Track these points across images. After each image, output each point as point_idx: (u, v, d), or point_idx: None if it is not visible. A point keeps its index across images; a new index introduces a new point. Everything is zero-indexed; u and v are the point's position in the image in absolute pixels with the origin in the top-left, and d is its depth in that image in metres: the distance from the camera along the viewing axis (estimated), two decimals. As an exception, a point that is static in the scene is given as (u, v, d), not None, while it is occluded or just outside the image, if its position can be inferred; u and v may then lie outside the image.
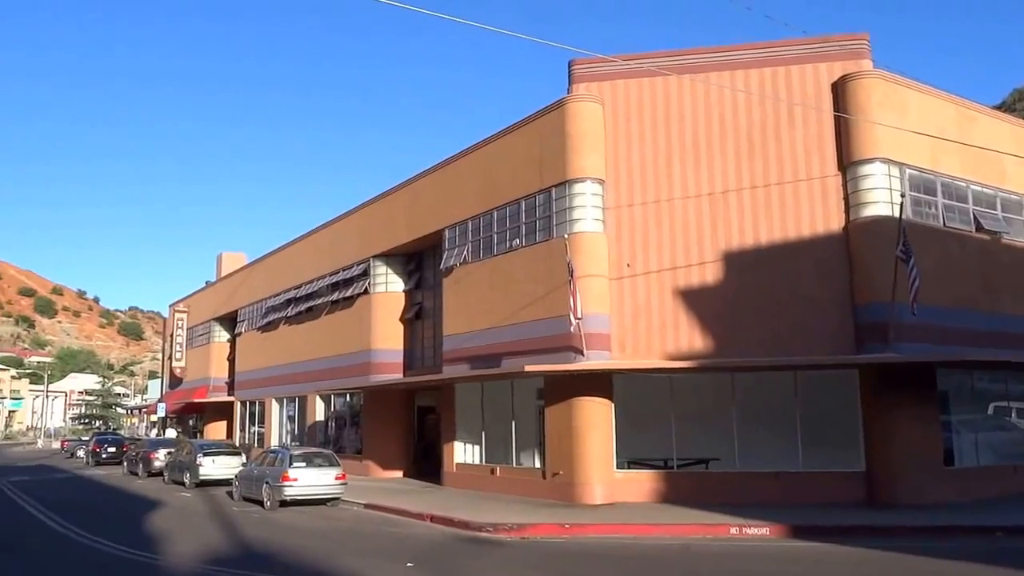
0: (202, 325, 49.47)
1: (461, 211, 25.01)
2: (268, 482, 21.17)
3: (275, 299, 38.52)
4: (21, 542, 15.93)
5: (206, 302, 49.63)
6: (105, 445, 44.11)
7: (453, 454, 25.00)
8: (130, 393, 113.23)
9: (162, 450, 32.68)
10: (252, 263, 44.02)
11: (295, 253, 37.62)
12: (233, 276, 45.67)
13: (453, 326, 25.15)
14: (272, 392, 38.43)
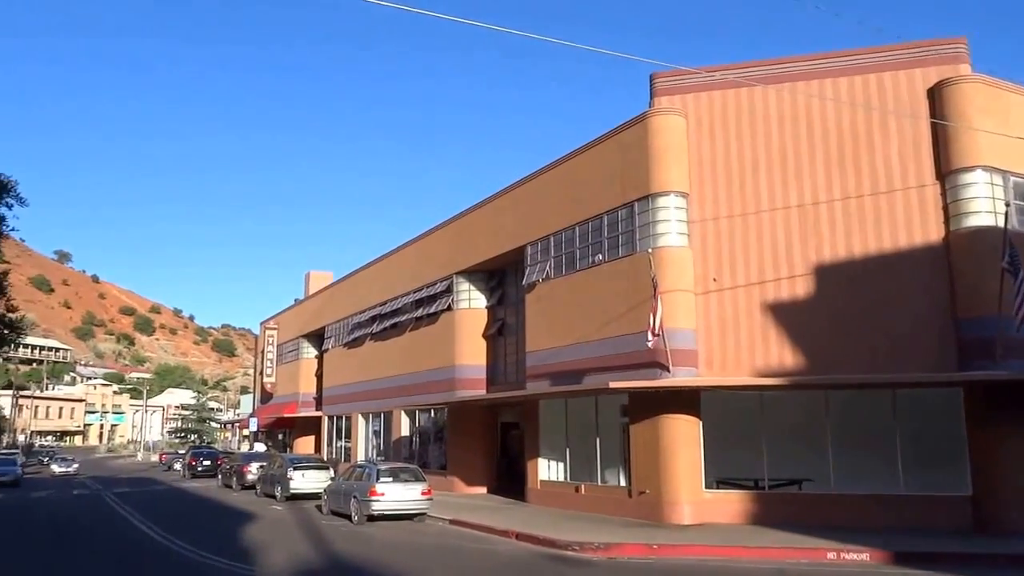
0: (291, 342, 50.73)
1: (543, 227, 25.00)
2: (356, 496, 21.44)
3: (360, 316, 39.22)
4: (127, 554, 16.52)
5: (295, 319, 50.91)
6: (201, 458, 45.65)
7: (537, 471, 24.88)
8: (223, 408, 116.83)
9: (255, 464, 33.56)
10: (338, 281, 44.98)
11: (380, 271, 38.24)
12: (320, 294, 46.75)
13: (536, 342, 25.10)
14: (358, 407, 39.06)
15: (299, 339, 49.01)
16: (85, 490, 36.67)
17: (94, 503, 29.29)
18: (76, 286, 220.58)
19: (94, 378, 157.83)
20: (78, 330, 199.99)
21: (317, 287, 48.75)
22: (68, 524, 22.26)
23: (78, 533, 20.10)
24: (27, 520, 23.81)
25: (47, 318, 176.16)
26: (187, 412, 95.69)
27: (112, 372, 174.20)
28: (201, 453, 47.82)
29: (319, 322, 45.38)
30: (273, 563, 14.66)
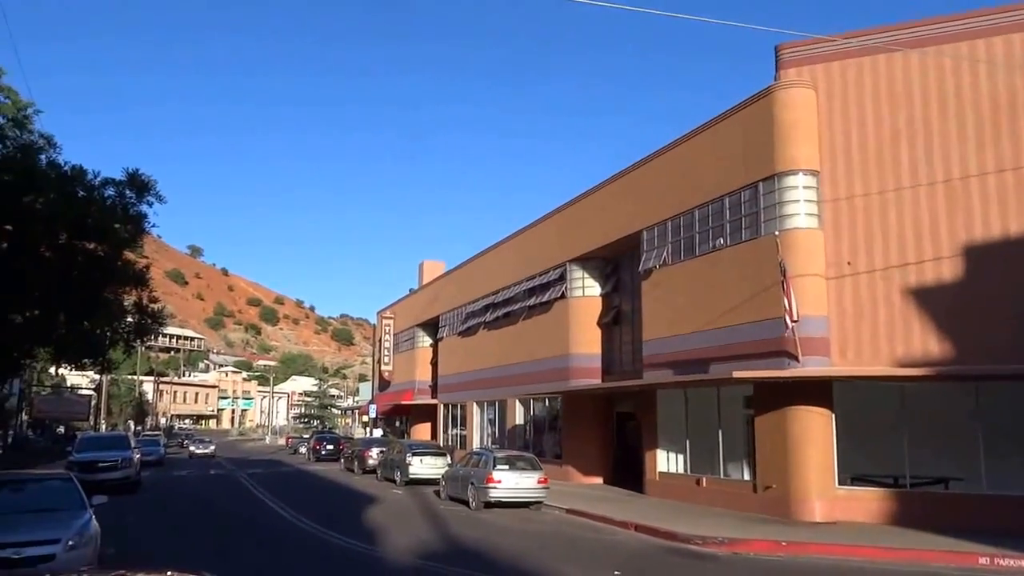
0: (407, 331, 51.56)
1: (659, 211, 24.23)
2: (473, 483, 21.41)
3: (474, 305, 39.35)
4: (261, 533, 16.94)
5: (409, 309, 51.70)
6: (324, 443, 47.17)
7: (655, 462, 24.20)
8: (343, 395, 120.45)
9: (375, 449, 34.26)
10: (451, 270, 45.33)
11: (492, 259, 38.24)
12: (434, 284, 47.26)
13: (653, 330, 24.39)
14: (473, 396, 39.26)
15: (414, 328, 49.74)
16: (221, 470, 38.34)
17: (230, 483, 30.51)
18: (208, 279, 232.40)
19: (225, 366, 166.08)
20: (210, 320, 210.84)
21: (430, 277, 49.31)
22: (208, 502, 23.20)
23: (217, 510, 20.89)
24: (171, 497, 24.97)
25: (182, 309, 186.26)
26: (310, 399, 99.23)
27: (241, 360, 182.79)
28: (324, 438, 49.38)
29: (433, 311, 45.89)
30: (395, 545, 14.70)
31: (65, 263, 26.67)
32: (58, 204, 24.69)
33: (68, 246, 26.88)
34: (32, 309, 28.09)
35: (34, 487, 12.01)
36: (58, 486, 11.69)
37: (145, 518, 18.71)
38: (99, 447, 27.64)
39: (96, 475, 23.35)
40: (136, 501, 22.52)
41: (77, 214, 25.22)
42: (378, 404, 54.42)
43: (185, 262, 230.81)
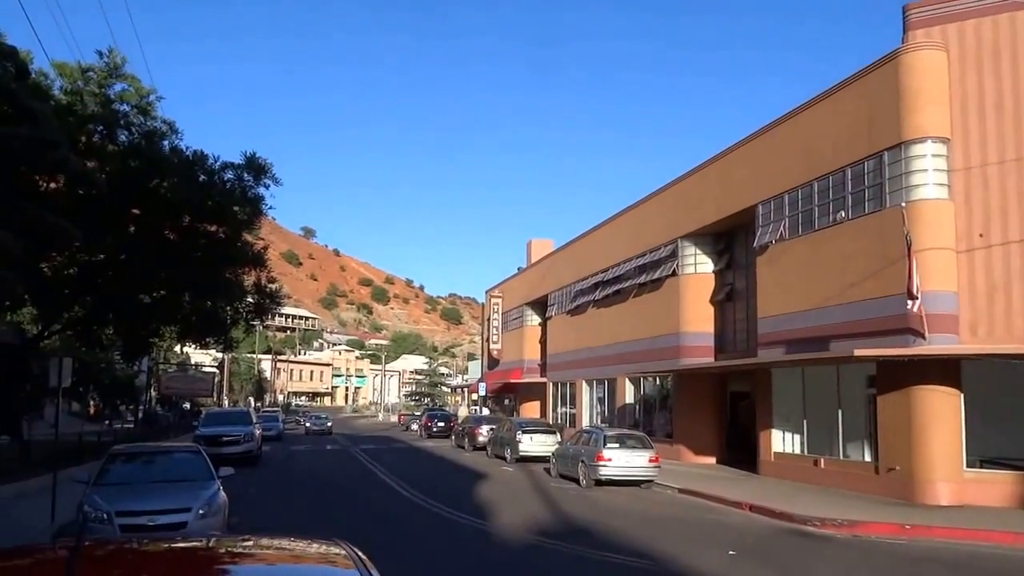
0: (515, 309, 52.13)
1: (776, 184, 23.65)
2: (583, 461, 21.65)
3: (583, 283, 39.42)
4: (377, 506, 17.75)
5: (518, 287, 52.22)
6: (435, 420, 48.50)
7: (770, 442, 23.83)
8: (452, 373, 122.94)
9: (485, 426, 35.00)
10: (559, 249, 45.48)
11: (601, 237, 38.18)
12: (542, 262, 47.53)
13: (768, 307, 23.92)
14: (582, 374, 39.45)
15: (523, 307, 50.24)
16: (336, 445, 40.04)
17: (345, 458, 31.88)
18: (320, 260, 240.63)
19: (339, 344, 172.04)
20: (323, 300, 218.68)
21: (539, 255, 49.60)
22: (325, 476, 24.35)
23: (334, 484, 21.92)
24: (290, 470, 26.33)
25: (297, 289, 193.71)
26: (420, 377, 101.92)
27: (354, 339, 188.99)
28: (436, 415, 50.73)
29: (542, 290, 46.21)
30: (506, 520, 15.12)
31: (188, 245, 28.34)
32: (181, 188, 26.21)
33: (191, 229, 28.54)
34: (158, 290, 30.01)
35: (166, 459, 12.88)
36: (188, 458, 12.52)
37: (267, 490, 19.86)
38: (223, 422, 29.23)
39: (221, 449, 24.66)
40: (258, 474, 23.88)
41: (199, 197, 26.72)
42: (487, 382, 55.38)
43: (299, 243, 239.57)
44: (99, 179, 23.22)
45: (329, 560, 2.45)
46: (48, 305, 27.99)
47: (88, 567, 2.09)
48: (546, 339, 46.33)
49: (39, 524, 13.13)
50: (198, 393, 63.47)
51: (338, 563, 2.38)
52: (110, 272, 28.05)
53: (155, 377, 61.75)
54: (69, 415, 50.05)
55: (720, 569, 10.93)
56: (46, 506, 13.79)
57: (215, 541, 2.99)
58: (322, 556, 2.51)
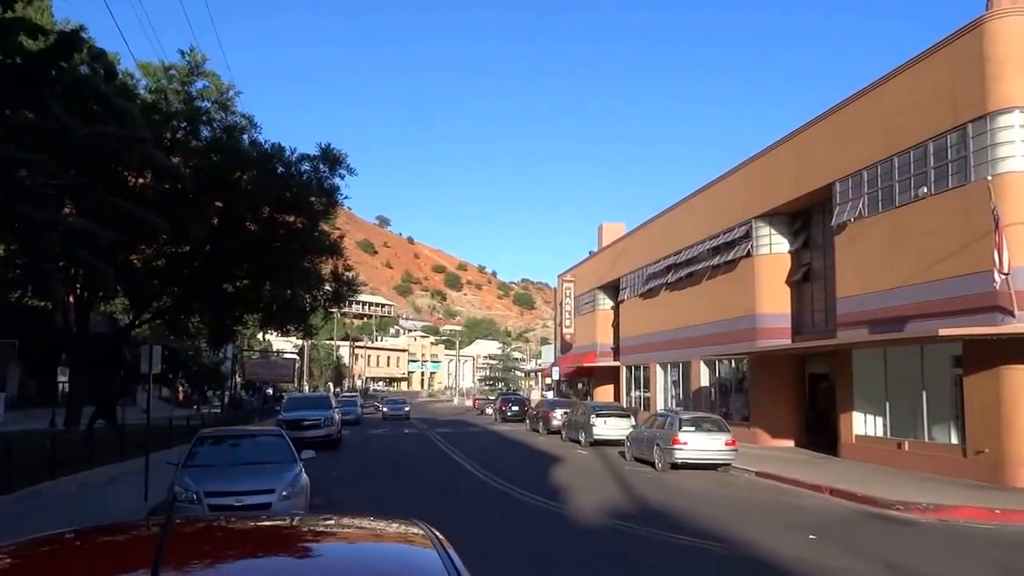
0: (587, 294, 51.95)
1: (854, 161, 22.94)
2: (659, 444, 21.49)
3: (655, 266, 39.02)
4: (453, 485, 18.00)
5: (590, 271, 52.00)
6: (509, 404, 48.75)
7: (851, 425, 23.23)
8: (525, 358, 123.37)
9: (559, 410, 35.06)
10: (631, 232, 45.10)
11: (673, 219, 37.69)
12: (614, 246, 47.21)
13: (847, 287, 23.27)
14: (656, 357, 39.12)
15: (595, 290, 50.02)
16: (413, 429, 40.68)
17: (422, 441, 32.36)
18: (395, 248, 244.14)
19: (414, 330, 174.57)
20: (398, 287, 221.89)
21: (610, 239, 49.28)
22: (403, 459, 24.79)
23: (412, 467, 22.30)
24: (369, 454, 26.86)
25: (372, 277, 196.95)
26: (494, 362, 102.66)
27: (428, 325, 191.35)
28: (510, 399, 50.97)
29: (614, 273, 45.93)
30: (581, 503, 15.14)
31: (268, 236, 29.14)
32: (260, 181, 26.93)
33: (270, 219, 29.32)
34: (241, 279, 30.95)
35: (251, 442, 13.25)
36: (271, 441, 12.89)
37: (347, 472, 20.31)
38: (304, 407, 29.95)
39: (302, 432, 25.29)
40: (338, 457, 24.44)
41: (278, 189, 27.41)
42: (560, 366, 55.38)
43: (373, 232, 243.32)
44: (183, 173, 24.04)
45: (408, 539, 2.50)
46: (139, 295, 29.18)
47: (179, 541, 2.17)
48: (619, 323, 46.06)
49: (133, 504, 13.72)
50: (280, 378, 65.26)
51: (416, 542, 2.42)
52: (195, 263, 29.04)
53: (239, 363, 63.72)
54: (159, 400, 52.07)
55: (800, 553, 10.73)
56: (139, 487, 14.41)
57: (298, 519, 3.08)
58: (401, 535, 2.56)
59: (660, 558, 10.57)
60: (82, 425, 23.84)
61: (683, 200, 36.84)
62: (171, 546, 1.82)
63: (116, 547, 2.46)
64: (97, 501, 14.38)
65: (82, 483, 16.47)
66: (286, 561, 2.38)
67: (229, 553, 2.36)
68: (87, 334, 26.56)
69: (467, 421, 49.56)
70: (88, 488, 16.09)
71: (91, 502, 14.21)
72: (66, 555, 2.33)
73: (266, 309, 32.18)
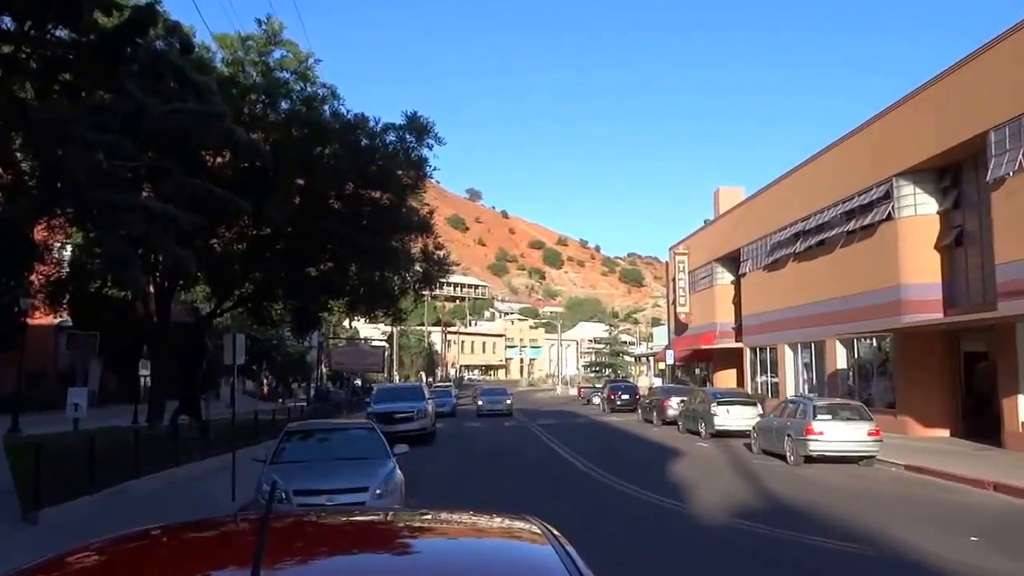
0: (703, 267, 51.16)
1: (1012, 105, 21.74)
2: (790, 435, 21.06)
3: (780, 234, 38.07)
4: (561, 483, 18.10)
5: (705, 242, 51.18)
6: (619, 392, 48.70)
7: (1017, 410, 22.19)
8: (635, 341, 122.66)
9: (675, 398, 34.77)
10: (751, 197, 44.11)
11: (799, 181, 36.65)
12: (732, 212, 46.29)
13: (1007, 251, 22.15)
14: (783, 337, 38.27)
15: (712, 263, 49.23)
16: (513, 421, 41.07)
17: (524, 435, 32.65)
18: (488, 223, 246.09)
19: (510, 313, 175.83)
20: (492, 266, 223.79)
21: (728, 205, 48.30)
22: (505, 454, 25.08)
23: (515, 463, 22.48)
24: (467, 448, 27.28)
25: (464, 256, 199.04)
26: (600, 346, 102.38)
27: (526, 307, 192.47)
28: (619, 387, 50.85)
29: (733, 244, 45.06)
30: (704, 500, 14.98)
31: (353, 214, 29.75)
32: (344, 154, 27.49)
33: (355, 196, 29.94)
34: (326, 262, 31.72)
35: (341, 436, 13.59)
36: (363, 435, 13.18)
37: (444, 469, 20.67)
38: (395, 398, 30.57)
39: (394, 426, 25.79)
40: (433, 452, 24.89)
41: (362, 163, 27.92)
42: (675, 350, 54.85)
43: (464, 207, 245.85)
44: (264, 150, 24.73)
45: (521, 536, 2.47)
46: (220, 282, 30.31)
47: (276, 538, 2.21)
48: (740, 299, 45.23)
49: (221, 503, 14.33)
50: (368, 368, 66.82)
51: (531, 539, 2.40)
52: (277, 246, 29.94)
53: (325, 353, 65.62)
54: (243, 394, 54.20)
55: (960, 557, 10.29)
56: (226, 485, 15.01)
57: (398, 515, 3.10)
58: (513, 531, 2.53)
59: (799, 560, 10.35)
60: (166, 421, 25.02)
61: (810, 159, 35.79)
62: (269, 543, 1.85)
63: (209, 543, 2.53)
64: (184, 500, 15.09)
65: (168, 481, 17.31)
66: (390, 559, 2.39)
67: (330, 550, 2.39)
68: (169, 324, 27.78)
69: (572, 412, 49.68)
70: (174, 487, 16.90)
71: (178, 501, 14.93)
72: (160, 551, 2.41)
73: (352, 293, 32.93)
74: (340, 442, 13.06)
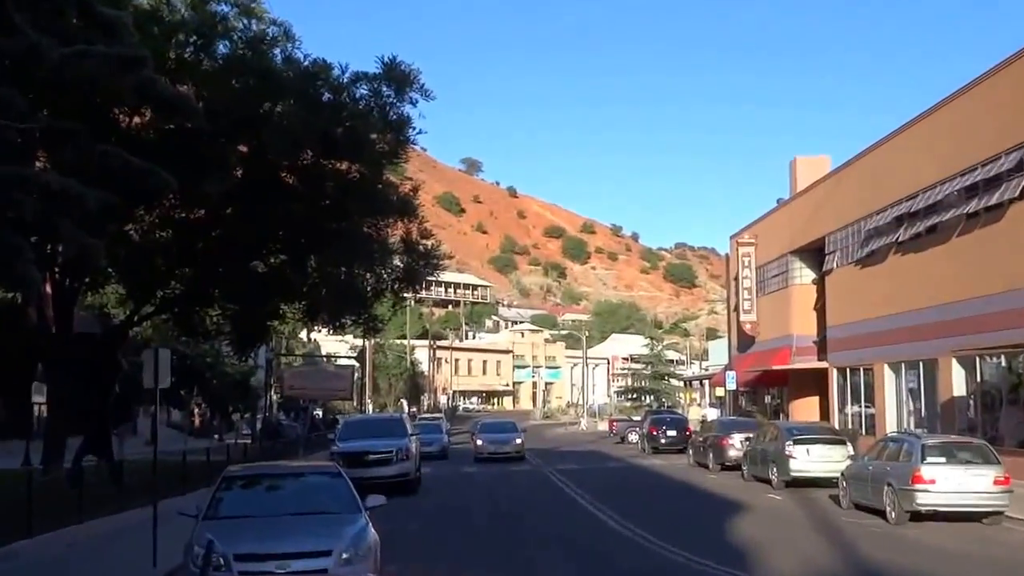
0: (775, 262, 51.10)
1: None
2: (890, 484, 21.00)
3: (877, 218, 37.96)
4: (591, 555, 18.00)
5: (779, 229, 51.13)
6: (663, 428, 48.60)
7: None
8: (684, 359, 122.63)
9: (737, 435, 34.67)
10: (839, 168, 44.07)
11: (902, 148, 36.66)
12: (814, 189, 46.22)
13: None
14: (882, 354, 38.16)
15: (787, 257, 49.18)
16: (523, 464, 40.98)
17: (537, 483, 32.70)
18: (490, 203, 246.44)
19: (520, 322, 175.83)
20: (496, 260, 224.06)
21: (809, 179, 48.19)
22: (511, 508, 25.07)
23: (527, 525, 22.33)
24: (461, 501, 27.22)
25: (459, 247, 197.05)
26: (639, 366, 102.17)
27: (541, 314, 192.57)
28: (664, 420, 50.72)
29: (815, 231, 44.98)
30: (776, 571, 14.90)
31: (312, 191, 29.64)
32: (300, 113, 27.34)
33: (314, 168, 29.80)
34: (276, 254, 31.65)
35: (296, 484, 13.58)
36: (325, 483, 13.20)
37: (432, 528, 20.63)
38: (368, 434, 30.52)
39: (367, 470, 25.78)
40: (417, 505, 24.87)
41: (324, 124, 27.77)
42: (737, 371, 54.72)
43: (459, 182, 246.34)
44: (195, 107, 24.65)
45: None
46: (138, 281, 30.28)
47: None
48: (824, 304, 45.14)
49: (140, 570, 14.28)
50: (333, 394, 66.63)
51: None
52: (214, 232, 29.88)
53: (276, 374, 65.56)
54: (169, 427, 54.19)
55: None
56: (146, 547, 14.93)
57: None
58: None
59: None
60: (67, 462, 24.98)
61: (916, 119, 35.86)
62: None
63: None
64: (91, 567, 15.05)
65: (69, 543, 17.27)
66: None
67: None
68: (71, 336, 27.73)
69: (601, 452, 49.63)
70: (78, 549, 16.87)
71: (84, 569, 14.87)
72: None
73: (311, 295, 32.83)
74: (295, 491, 13.05)
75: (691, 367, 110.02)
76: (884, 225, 37.51)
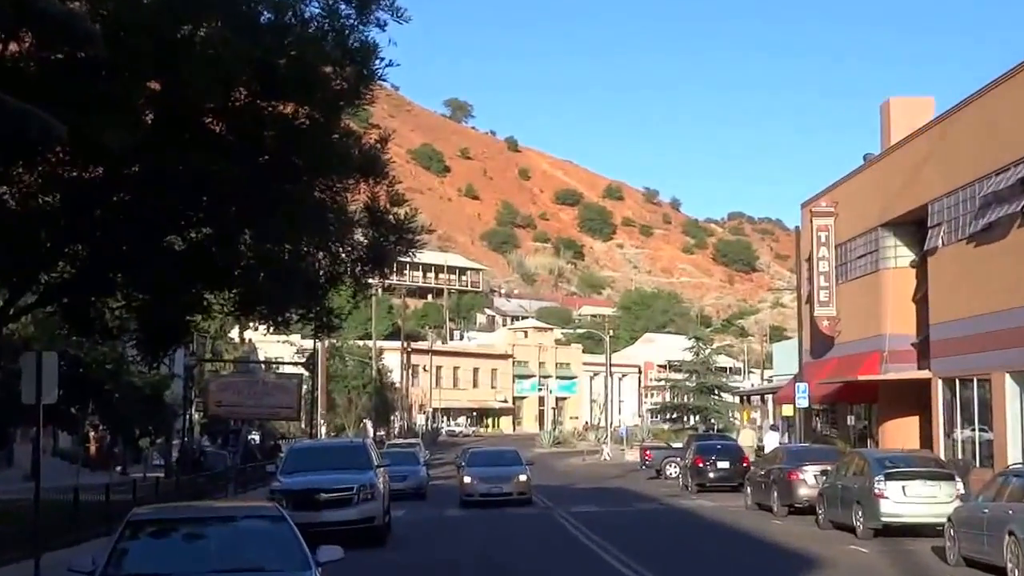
0: (861, 238, 51.02)
1: None
2: (1013, 532, 20.97)
3: (998, 179, 37.89)
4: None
5: (866, 194, 51.07)
6: (713, 458, 48.54)
7: None
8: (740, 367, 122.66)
9: (810, 468, 34.58)
10: (946, 114, 43.89)
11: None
12: (913, 142, 46.08)
13: None
14: (1004, 361, 38.14)
15: (876, 231, 49.12)
16: (526, 506, 40.87)
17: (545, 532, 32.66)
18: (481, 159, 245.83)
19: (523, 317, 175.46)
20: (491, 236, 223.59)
21: (906, 129, 47.99)
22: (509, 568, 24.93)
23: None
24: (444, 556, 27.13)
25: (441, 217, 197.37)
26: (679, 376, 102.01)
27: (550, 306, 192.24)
28: (713, 449, 50.71)
29: (914, 197, 44.94)
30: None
31: (247, 142, 29.52)
32: (230, 38, 27.25)
33: (249, 111, 29.68)
34: (197, 227, 31.54)
35: (224, 531, 13.44)
36: (262, 530, 13.14)
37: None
38: (321, 466, 30.59)
39: (318, 514, 26.04)
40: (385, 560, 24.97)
41: (262, 52, 27.69)
42: (810, 382, 54.73)
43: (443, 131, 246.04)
44: (92, 30, 24.55)
45: None
46: (14, 261, 30.19)
47: None
48: (928, 292, 45.10)
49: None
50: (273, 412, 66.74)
51: None
52: (115, 197, 29.77)
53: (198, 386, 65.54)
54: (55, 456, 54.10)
55: None
56: (28, 615, 14.94)
57: None
58: None
59: None
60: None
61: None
62: None
63: None
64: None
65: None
66: None
67: None
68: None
69: (630, 491, 49.67)
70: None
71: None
72: None
73: (245, 281, 32.70)
74: (223, 541, 12.98)
75: (749, 378, 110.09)
76: (1006, 189, 37.42)
